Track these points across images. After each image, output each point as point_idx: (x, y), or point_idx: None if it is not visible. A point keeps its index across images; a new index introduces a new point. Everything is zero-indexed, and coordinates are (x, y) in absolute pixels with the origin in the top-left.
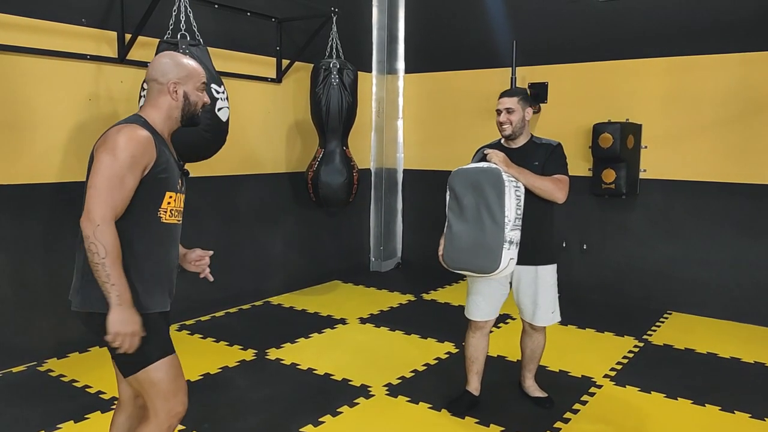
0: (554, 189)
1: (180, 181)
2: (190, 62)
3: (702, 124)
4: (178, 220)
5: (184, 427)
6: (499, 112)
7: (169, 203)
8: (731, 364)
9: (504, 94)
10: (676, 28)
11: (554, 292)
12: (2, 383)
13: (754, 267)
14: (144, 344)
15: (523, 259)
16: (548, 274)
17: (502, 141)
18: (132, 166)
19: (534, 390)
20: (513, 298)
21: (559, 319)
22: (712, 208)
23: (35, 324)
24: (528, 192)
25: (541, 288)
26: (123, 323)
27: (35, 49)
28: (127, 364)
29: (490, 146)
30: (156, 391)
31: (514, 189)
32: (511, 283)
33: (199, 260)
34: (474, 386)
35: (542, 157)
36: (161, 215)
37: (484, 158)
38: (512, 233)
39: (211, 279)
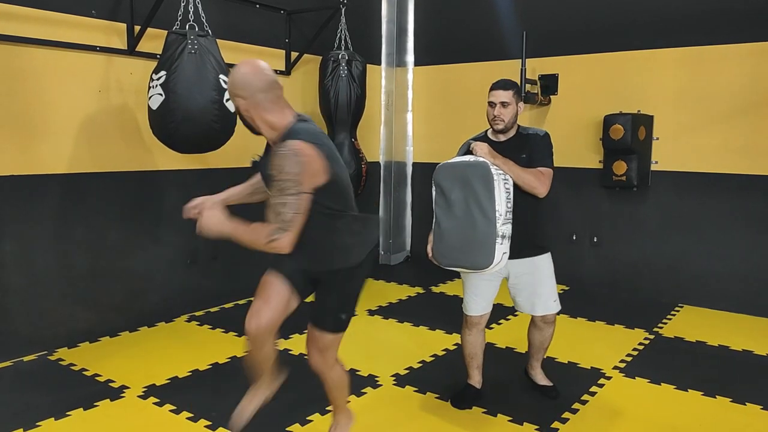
0: (535, 181)
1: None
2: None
3: (715, 115)
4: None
5: (192, 415)
6: (492, 104)
7: None
8: (743, 356)
9: (498, 87)
10: (687, 18)
11: (553, 280)
12: (13, 372)
13: (767, 259)
14: None
15: (518, 252)
16: (545, 263)
17: (489, 133)
18: None
19: (540, 378)
20: (509, 295)
21: (560, 308)
22: (724, 201)
23: (46, 313)
24: (516, 184)
25: (539, 278)
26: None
27: (45, 40)
28: None
29: (477, 139)
30: None
31: (503, 182)
32: (508, 279)
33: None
34: (476, 380)
35: (530, 149)
36: None
37: (469, 151)
38: (504, 227)
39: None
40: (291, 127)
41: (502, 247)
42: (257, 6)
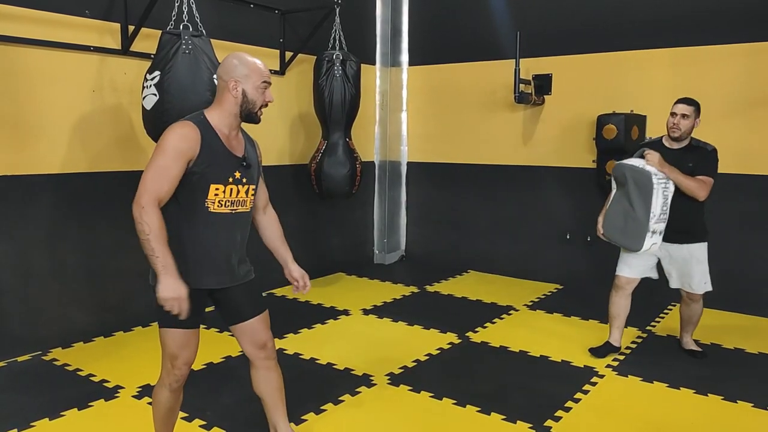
0: (697, 188)
1: (237, 174)
2: (254, 61)
3: (707, 115)
4: (232, 210)
5: (186, 415)
6: (674, 115)
7: (216, 195)
8: (735, 354)
9: (682, 101)
10: (680, 19)
11: (705, 266)
12: (8, 372)
13: (760, 258)
14: (166, 310)
15: (676, 238)
16: (699, 250)
17: (664, 139)
18: (175, 158)
19: (689, 344)
20: (665, 274)
21: (709, 288)
22: (717, 200)
23: (40, 314)
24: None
25: (693, 262)
26: (168, 289)
27: (39, 40)
28: (157, 319)
29: (652, 144)
30: (163, 351)
31: (662, 189)
32: (662, 259)
33: (295, 282)
34: (615, 338)
35: (696, 159)
36: (209, 205)
37: (642, 156)
38: (656, 225)
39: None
40: None
41: (651, 239)
42: (251, 6)
